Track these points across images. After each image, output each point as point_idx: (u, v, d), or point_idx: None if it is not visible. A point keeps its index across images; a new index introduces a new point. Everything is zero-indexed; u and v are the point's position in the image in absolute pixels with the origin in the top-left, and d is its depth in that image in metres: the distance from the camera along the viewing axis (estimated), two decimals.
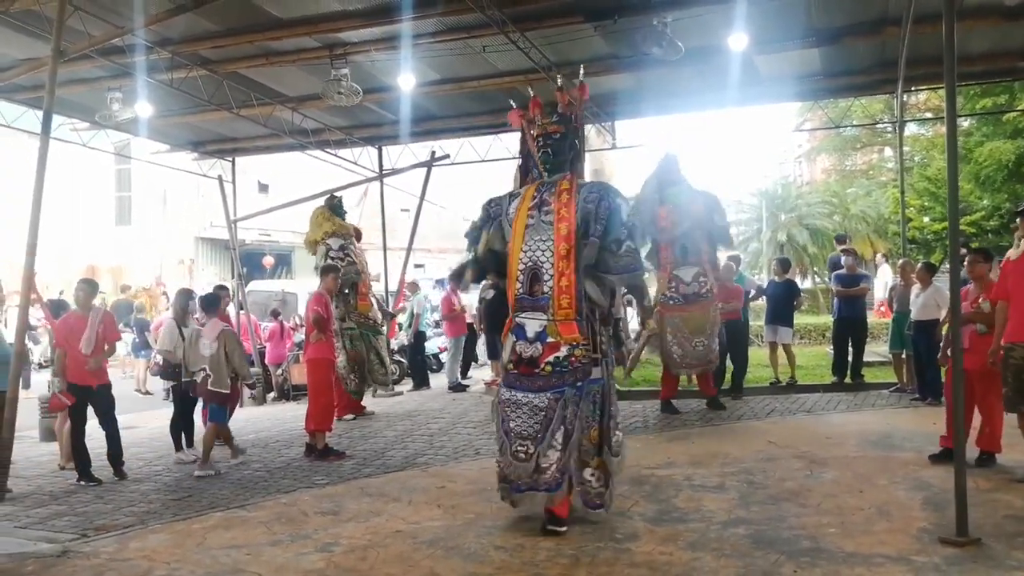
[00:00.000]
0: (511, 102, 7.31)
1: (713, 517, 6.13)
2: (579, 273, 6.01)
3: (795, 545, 5.40)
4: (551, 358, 5.95)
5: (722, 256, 11.59)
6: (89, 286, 8.99)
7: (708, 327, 10.40)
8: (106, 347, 8.73)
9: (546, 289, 6.02)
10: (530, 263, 6.10)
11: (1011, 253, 7.41)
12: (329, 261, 11.68)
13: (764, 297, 13.13)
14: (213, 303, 9.62)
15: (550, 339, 5.97)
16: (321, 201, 12.75)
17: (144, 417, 12.93)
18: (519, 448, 5.93)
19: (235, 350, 9.17)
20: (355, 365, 11.78)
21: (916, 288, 10.44)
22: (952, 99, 5.83)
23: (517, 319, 6.14)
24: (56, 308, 9.93)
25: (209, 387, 8.97)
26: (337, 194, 13.06)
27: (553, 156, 6.35)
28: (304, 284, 18.20)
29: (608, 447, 6.11)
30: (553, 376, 5.94)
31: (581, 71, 7.18)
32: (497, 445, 6.20)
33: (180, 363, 9.48)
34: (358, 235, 12.47)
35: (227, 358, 8.98)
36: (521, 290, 6.14)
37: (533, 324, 6.04)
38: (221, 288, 11.79)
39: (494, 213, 6.47)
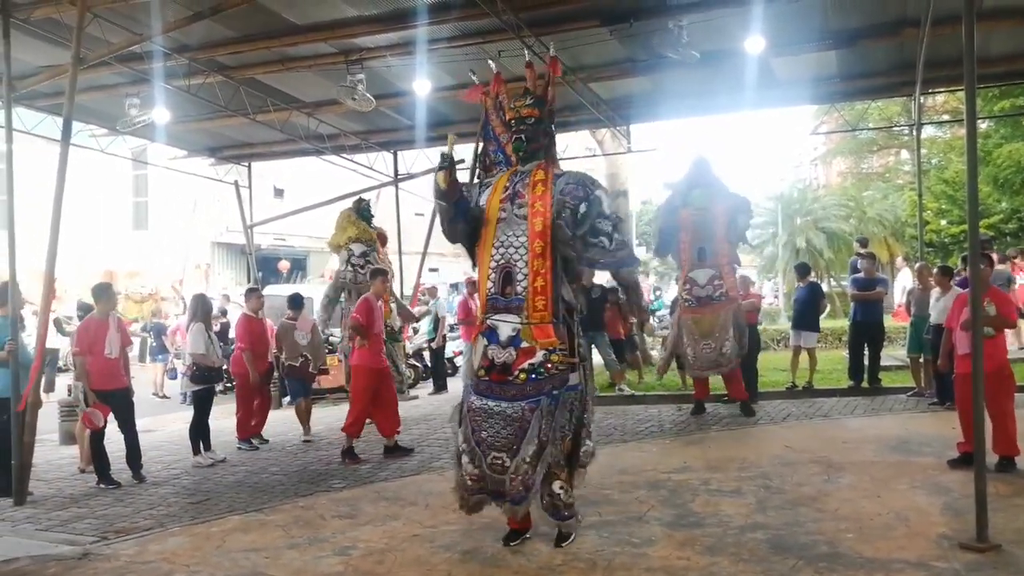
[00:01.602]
0: (472, 74, 6.89)
1: (730, 522, 6.10)
2: (556, 272, 5.66)
3: (813, 550, 5.37)
4: (525, 365, 5.55)
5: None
6: (106, 291, 9.07)
7: (717, 330, 10.38)
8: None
9: (520, 290, 5.60)
10: (502, 261, 5.68)
11: None
12: (349, 267, 11.71)
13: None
14: (300, 302, 11.25)
15: (524, 344, 5.56)
16: (349, 203, 12.72)
17: (161, 421, 13.00)
18: (495, 460, 5.58)
19: (320, 340, 11.46)
20: None
21: (936, 292, 10.38)
22: (972, 102, 5.79)
23: (489, 321, 5.72)
24: (88, 311, 10.06)
25: (310, 369, 11.05)
26: (365, 197, 13.02)
27: (527, 142, 5.84)
28: (320, 289, 18.20)
29: (576, 458, 5.81)
30: (528, 384, 5.54)
31: (551, 48, 6.75)
32: (464, 456, 5.76)
33: (212, 366, 9.65)
34: (383, 239, 12.44)
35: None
36: (492, 290, 5.70)
37: (506, 328, 5.63)
38: (252, 291, 11.90)
39: (467, 198, 5.90)
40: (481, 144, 6.56)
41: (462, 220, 5.85)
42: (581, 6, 10.21)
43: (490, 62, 6.85)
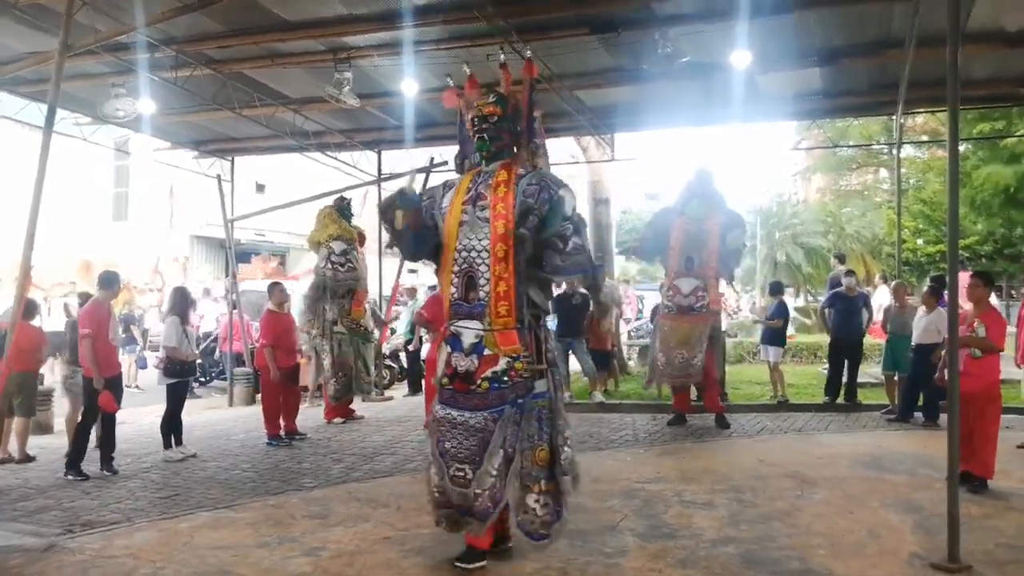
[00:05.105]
0: (448, 79, 6.66)
1: (703, 534, 6.11)
2: (519, 276, 5.39)
3: (785, 565, 5.38)
4: (488, 373, 5.34)
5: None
6: (115, 280, 9.34)
7: (693, 341, 10.39)
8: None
9: (482, 295, 5.38)
10: (465, 265, 5.45)
11: None
12: (329, 264, 11.66)
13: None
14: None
15: (487, 351, 5.37)
16: (329, 201, 12.69)
17: (134, 414, 12.87)
18: (457, 472, 5.34)
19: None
20: (340, 370, 11.76)
21: (921, 311, 10.46)
22: (955, 124, 5.83)
23: (452, 328, 5.53)
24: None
25: None
26: (346, 196, 12.99)
27: (489, 142, 5.61)
28: (299, 285, 18.11)
29: (557, 468, 5.41)
30: (491, 393, 5.32)
31: (527, 52, 6.56)
32: (432, 468, 5.56)
33: (185, 360, 9.58)
34: (361, 239, 12.42)
35: None
36: (456, 295, 5.49)
37: (469, 334, 5.44)
38: (274, 285, 11.84)
39: (427, 206, 5.67)
40: (458, 147, 6.30)
41: (424, 246, 5.71)
42: (571, 14, 10.20)
43: (465, 66, 6.71)
